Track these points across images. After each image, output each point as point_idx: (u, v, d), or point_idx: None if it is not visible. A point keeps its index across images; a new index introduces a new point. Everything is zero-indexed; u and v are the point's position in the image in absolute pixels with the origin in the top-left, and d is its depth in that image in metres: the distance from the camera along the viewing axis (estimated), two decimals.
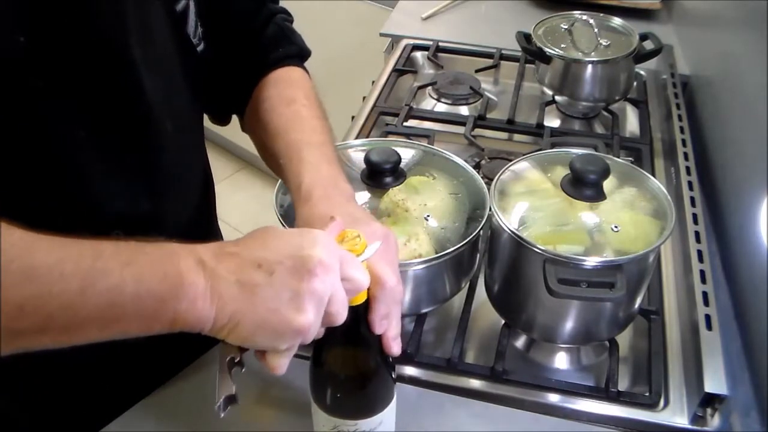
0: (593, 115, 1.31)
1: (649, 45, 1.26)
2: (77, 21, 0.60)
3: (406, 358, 0.82)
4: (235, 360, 0.57)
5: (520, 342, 0.89)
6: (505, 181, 0.83)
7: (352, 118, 1.25)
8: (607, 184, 0.79)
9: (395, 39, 1.52)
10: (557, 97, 1.29)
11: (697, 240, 0.92)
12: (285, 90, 0.83)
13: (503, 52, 1.43)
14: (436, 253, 0.77)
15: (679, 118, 1.18)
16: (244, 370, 0.58)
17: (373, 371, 0.61)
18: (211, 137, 2.63)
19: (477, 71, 1.39)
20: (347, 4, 2.08)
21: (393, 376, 0.63)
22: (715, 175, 1.09)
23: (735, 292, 0.92)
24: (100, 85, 0.64)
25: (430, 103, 1.33)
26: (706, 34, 1.35)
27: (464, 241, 0.78)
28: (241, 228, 2.49)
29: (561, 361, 0.86)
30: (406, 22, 1.58)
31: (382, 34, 1.54)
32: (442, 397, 0.79)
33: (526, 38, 1.28)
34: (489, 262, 0.86)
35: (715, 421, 0.75)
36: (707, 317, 0.80)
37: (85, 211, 0.68)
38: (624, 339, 0.87)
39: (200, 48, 0.76)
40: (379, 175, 0.82)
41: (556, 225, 0.77)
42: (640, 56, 1.24)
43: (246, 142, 0.87)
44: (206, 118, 0.88)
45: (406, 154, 0.88)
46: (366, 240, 0.57)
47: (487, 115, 1.25)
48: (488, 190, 0.82)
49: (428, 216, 0.80)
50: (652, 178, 0.83)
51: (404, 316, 0.86)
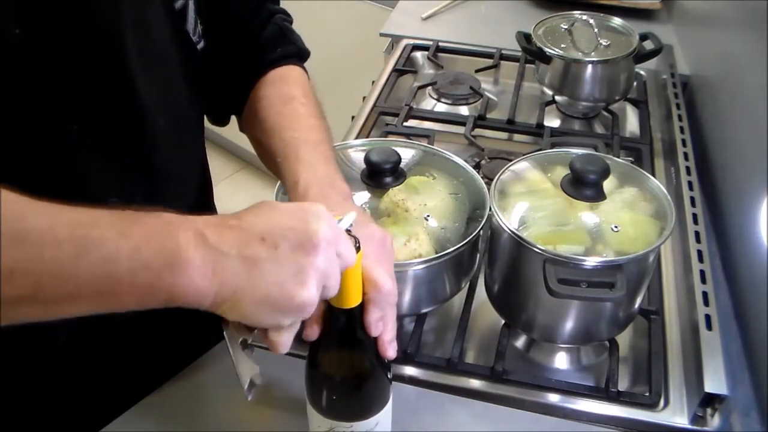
0: (593, 115, 1.31)
1: (649, 45, 1.26)
2: (73, 17, 0.60)
3: (406, 358, 0.82)
4: (248, 342, 0.57)
5: (520, 342, 0.89)
6: (505, 181, 0.83)
7: (352, 118, 1.25)
8: (607, 184, 0.79)
9: (395, 39, 1.52)
10: (557, 97, 1.29)
11: (697, 240, 0.92)
12: (283, 88, 0.83)
13: (503, 52, 1.43)
14: (436, 253, 0.77)
15: (679, 118, 1.18)
16: (254, 353, 0.58)
17: (369, 373, 0.61)
18: (211, 137, 2.63)
19: (477, 71, 1.39)
20: (347, 4, 2.08)
21: (389, 377, 0.63)
22: (715, 175, 1.09)
23: (735, 292, 0.92)
24: (96, 83, 0.64)
25: (430, 103, 1.33)
26: (706, 34, 1.35)
27: (464, 241, 0.78)
28: None
29: (561, 361, 0.86)
30: (406, 22, 1.58)
31: (382, 34, 1.54)
32: (442, 397, 0.79)
33: (526, 38, 1.28)
34: (489, 262, 0.86)
35: (715, 421, 0.75)
36: (707, 317, 0.80)
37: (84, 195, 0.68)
38: (624, 339, 0.87)
39: (200, 46, 0.76)
40: (379, 175, 0.82)
41: (556, 225, 0.77)
42: (640, 56, 1.24)
43: (246, 142, 0.87)
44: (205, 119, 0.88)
45: (406, 154, 0.88)
46: (362, 243, 0.57)
47: (487, 115, 1.25)
48: (488, 190, 0.82)
49: (428, 216, 0.80)
50: (652, 178, 0.83)
51: (404, 316, 0.86)
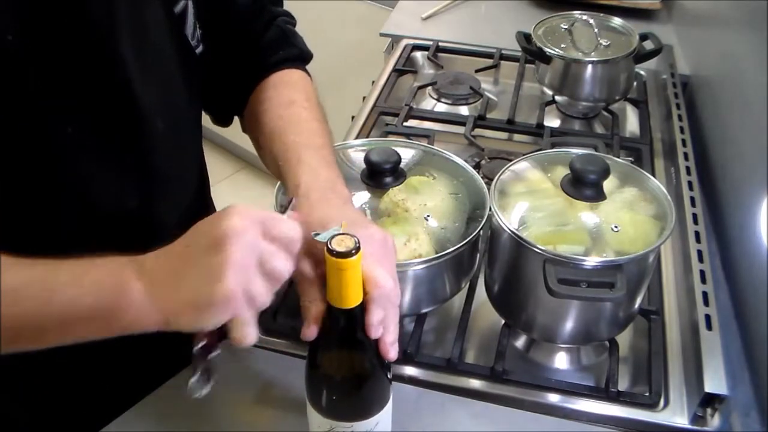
0: (593, 115, 1.31)
1: (649, 45, 1.26)
2: (66, 20, 0.60)
3: (406, 358, 0.82)
4: (209, 347, 0.58)
5: (520, 342, 0.89)
6: (505, 181, 0.83)
7: (352, 118, 1.25)
8: (608, 184, 0.79)
9: (395, 39, 1.52)
10: (557, 97, 1.29)
11: (697, 240, 0.92)
12: (284, 92, 0.83)
13: (503, 52, 1.43)
14: (436, 253, 0.77)
15: (679, 118, 1.18)
16: (219, 353, 0.60)
17: (369, 373, 0.61)
18: (211, 137, 2.63)
19: (477, 71, 1.39)
20: (347, 4, 2.08)
21: (389, 377, 0.62)
22: (715, 175, 1.09)
23: (735, 292, 0.92)
24: (93, 85, 0.64)
25: (430, 103, 1.33)
26: (706, 34, 1.35)
27: (464, 241, 0.78)
28: None
29: (561, 361, 0.86)
30: (406, 22, 1.58)
31: (382, 34, 1.54)
32: (442, 397, 0.79)
33: (526, 38, 1.28)
34: (489, 262, 0.86)
35: (715, 421, 0.75)
36: (707, 317, 0.80)
37: (75, 209, 0.69)
38: (624, 339, 0.87)
39: (199, 50, 0.77)
40: (379, 175, 0.82)
41: (556, 225, 0.77)
42: (640, 56, 1.24)
43: (246, 143, 0.87)
44: (206, 119, 0.88)
45: (406, 154, 0.88)
46: (363, 244, 0.56)
47: (487, 115, 1.25)
48: (488, 190, 0.82)
49: (428, 216, 0.80)
50: (652, 178, 0.83)
51: (404, 316, 0.86)
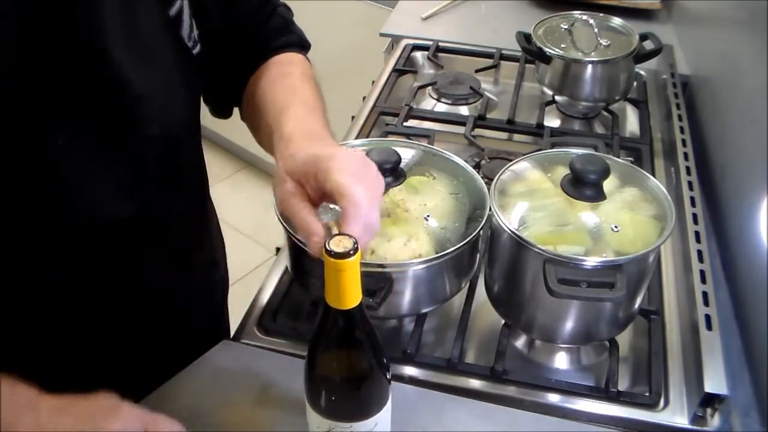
0: (593, 115, 1.31)
1: (649, 45, 1.26)
2: (52, 22, 0.60)
3: (406, 358, 0.82)
4: None
5: (520, 342, 0.89)
6: (505, 181, 0.83)
7: (352, 118, 1.25)
8: (608, 185, 0.79)
9: (395, 39, 1.52)
10: (557, 97, 1.29)
11: (697, 240, 0.92)
12: (281, 67, 0.84)
13: (503, 52, 1.43)
14: (436, 253, 0.77)
15: (679, 118, 1.18)
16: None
17: (368, 374, 0.61)
18: (211, 137, 2.63)
19: (477, 71, 1.39)
20: (347, 4, 2.08)
21: (388, 377, 0.62)
22: (715, 175, 1.09)
23: (735, 292, 0.92)
24: (84, 89, 0.64)
25: (430, 103, 1.33)
26: (706, 34, 1.35)
27: (464, 241, 0.78)
28: (241, 228, 2.49)
29: (561, 361, 0.86)
30: (406, 22, 1.58)
31: (382, 34, 1.54)
32: (442, 397, 0.78)
33: (526, 38, 1.28)
34: (489, 262, 0.86)
35: (715, 421, 0.75)
36: (707, 317, 0.80)
37: (72, 213, 0.69)
38: (624, 339, 0.87)
39: (196, 50, 0.77)
40: None
41: (557, 225, 0.77)
42: (640, 56, 1.24)
43: (246, 142, 0.87)
44: (206, 119, 0.88)
45: (406, 154, 0.88)
46: (342, 162, 0.57)
47: (487, 115, 1.25)
48: (488, 190, 0.82)
49: (428, 216, 0.80)
50: (652, 178, 0.84)
51: (404, 316, 0.86)
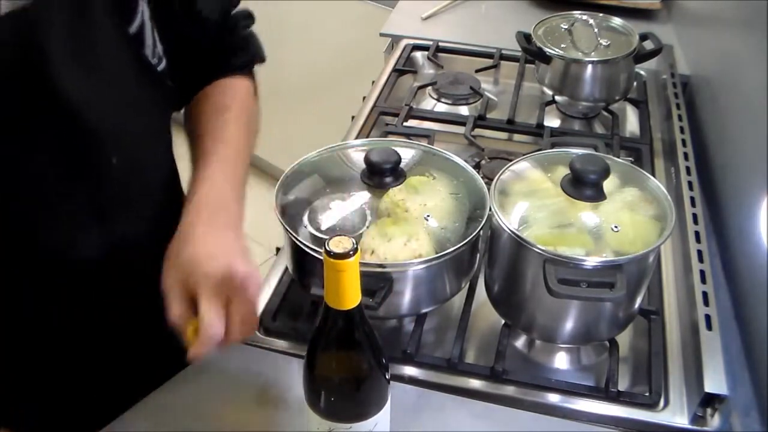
0: (593, 115, 1.31)
1: (649, 45, 1.26)
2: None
3: (406, 358, 0.82)
4: None
5: (520, 342, 0.89)
6: (505, 181, 0.83)
7: (352, 118, 1.25)
8: (608, 185, 0.79)
9: (395, 39, 1.52)
10: (557, 97, 1.29)
11: (697, 240, 0.91)
12: (222, 98, 0.84)
13: (503, 52, 1.43)
14: (436, 253, 0.77)
15: (679, 118, 1.18)
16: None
17: (367, 374, 0.61)
18: None
19: (477, 71, 1.39)
20: (347, 4, 2.08)
21: (387, 377, 0.63)
22: (715, 175, 1.09)
23: (735, 292, 0.92)
24: (31, 119, 0.63)
25: (430, 103, 1.33)
26: (706, 34, 1.35)
27: (464, 241, 0.78)
28: None
29: (561, 361, 0.86)
30: (406, 22, 1.58)
31: (382, 34, 1.54)
32: (442, 397, 0.79)
33: (526, 38, 1.28)
34: (489, 262, 0.86)
35: (715, 421, 0.75)
36: (707, 317, 0.80)
37: (31, 241, 0.68)
38: (624, 339, 0.87)
39: (161, 67, 0.75)
40: (379, 175, 0.82)
41: (557, 225, 0.77)
42: (640, 56, 1.24)
43: None
44: None
45: (406, 154, 0.88)
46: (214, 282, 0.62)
47: (487, 115, 1.25)
48: (488, 190, 0.82)
49: (428, 216, 0.80)
50: (652, 178, 0.83)
51: (404, 316, 0.86)
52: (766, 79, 0.93)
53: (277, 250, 0.96)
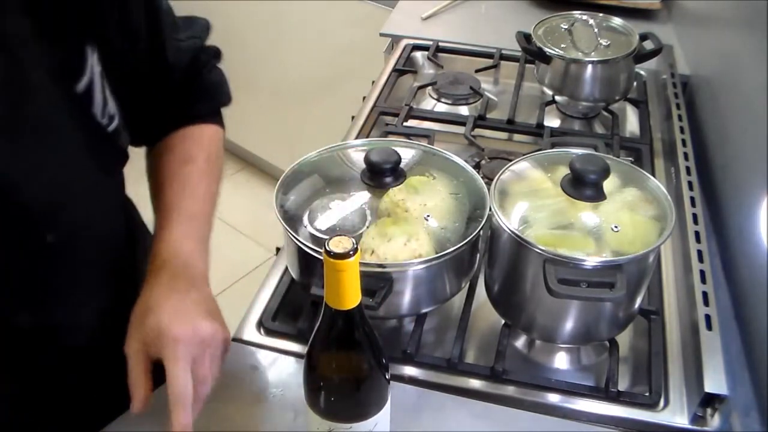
0: (593, 115, 1.31)
1: (649, 45, 1.26)
2: None
3: (406, 358, 0.82)
4: None
5: (520, 342, 0.89)
6: (505, 181, 0.83)
7: (352, 118, 1.25)
8: (608, 185, 0.79)
9: (395, 39, 1.52)
10: (557, 97, 1.29)
11: (697, 240, 0.92)
12: (187, 147, 0.83)
13: (503, 52, 1.43)
14: (436, 253, 0.77)
15: (679, 118, 1.18)
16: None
17: (367, 374, 0.61)
18: None
19: (477, 71, 1.39)
20: (347, 4, 2.08)
21: (387, 377, 0.63)
22: (715, 175, 1.09)
23: (735, 292, 0.92)
24: None
25: (430, 103, 1.33)
26: (706, 34, 1.35)
27: (464, 241, 0.78)
28: (241, 228, 2.49)
29: (561, 361, 0.86)
30: (406, 22, 1.58)
31: (382, 34, 1.54)
32: (442, 397, 0.79)
33: (526, 38, 1.28)
34: (489, 262, 0.86)
35: (715, 421, 0.75)
36: (707, 317, 0.80)
37: None
38: (624, 339, 0.87)
39: (111, 127, 0.70)
40: (379, 175, 0.82)
41: (557, 225, 0.77)
42: (640, 56, 1.24)
43: (246, 142, 0.87)
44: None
45: (406, 154, 0.88)
46: (182, 343, 0.63)
47: (487, 115, 1.25)
48: (488, 190, 0.82)
49: (428, 216, 0.80)
50: (652, 178, 0.84)
51: (404, 316, 0.86)
52: (766, 79, 0.93)
53: (277, 250, 0.96)
